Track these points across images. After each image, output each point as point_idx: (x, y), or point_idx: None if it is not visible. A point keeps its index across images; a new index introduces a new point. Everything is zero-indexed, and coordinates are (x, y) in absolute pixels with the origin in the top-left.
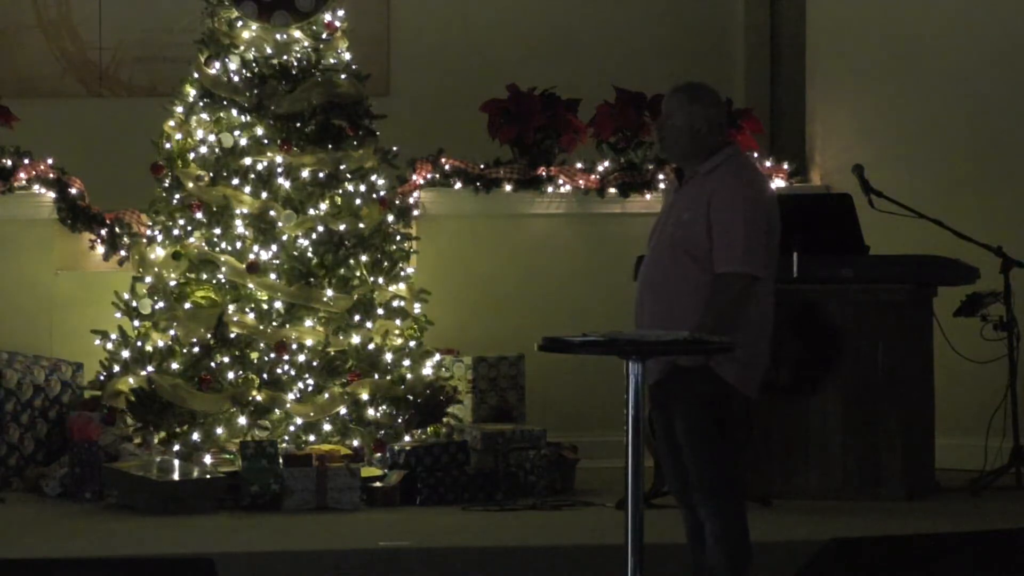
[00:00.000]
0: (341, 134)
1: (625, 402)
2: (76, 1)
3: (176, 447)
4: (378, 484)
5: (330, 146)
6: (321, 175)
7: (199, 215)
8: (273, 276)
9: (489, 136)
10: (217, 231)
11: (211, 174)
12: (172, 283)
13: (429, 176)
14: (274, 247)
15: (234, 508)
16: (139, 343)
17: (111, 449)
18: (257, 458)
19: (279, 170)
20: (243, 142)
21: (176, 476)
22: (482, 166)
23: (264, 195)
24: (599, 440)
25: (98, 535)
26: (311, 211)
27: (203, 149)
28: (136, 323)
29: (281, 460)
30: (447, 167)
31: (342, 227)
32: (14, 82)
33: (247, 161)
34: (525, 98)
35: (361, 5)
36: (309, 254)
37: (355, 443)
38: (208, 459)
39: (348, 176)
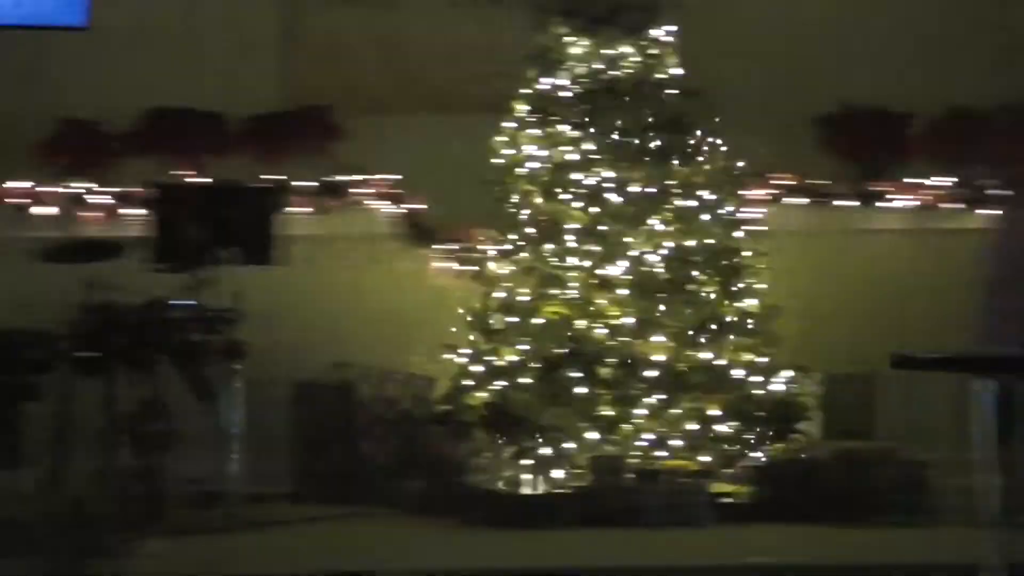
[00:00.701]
0: (670, 149)
1: (978, 418)
2: (412, 18)
3: (527, 461)
4: (728, 499)
5: (662, 161)
6: (650, 190)
7: (531, 230)
8: (622, 291)
9: (824, 151)
10: (550, 246)
11: (542, 189)
12: (523, 298)
13: (768, 191)
14: (623, 263)
15: (585, 523)
16: (490, 358)
17: (464, 463)
18: (607, 473)
19: (609, 185)
20: (573, 158)
21: (528, 491)
22: (820, 182)
23: (593, 210)
24: (951, 455)
25: (452, 548)
26: (659, 227)
27: (534, 164)
28: (488, 338)
29: (631, 475)
30: (784, 182)
31: (690, 243)
32: (354, 99)
33: (577, 176)
34: (860, 113)
35: (689, 20)
36: (658, 268)
37: (705, 458)
38: (559, 473)
39: (681, 192)
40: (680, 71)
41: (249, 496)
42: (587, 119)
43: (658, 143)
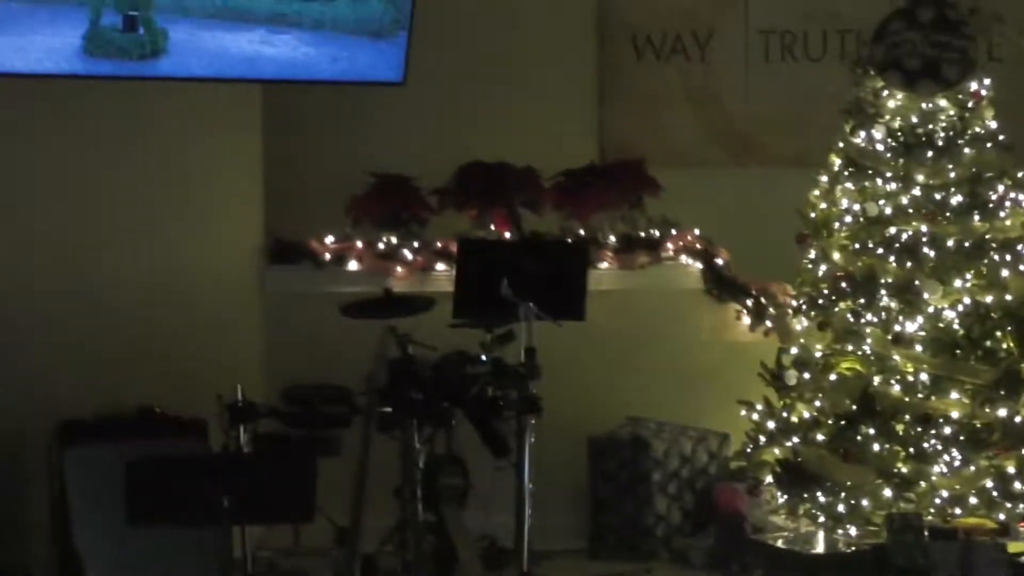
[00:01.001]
0: (987, 204)
1: None
2: (722, 71)
3: (822, 519)
4: None
5: (976, 216)
6: (967, 245)
7: (844, 285)
8: (919, 347)
9: None
10: (862, 301)
11: (856, 244)
12: (817, 354)
13: None
14: (919, 318)
15: None
16: (784, 413)
17: (757, 521)
18: (903, 531)
19: (924, 240)
20: (888, 211)
21: (821, 548)
22: None
23: (909, 265)
24: None
25: None
26: (956, 282)
27: (847, 218)
28: (782, 393)
29: (926, 533)
30: None
31: (988, 299)
32: (661, 152)
33: (892, 231)
34: None
35: (1007, 74)
36: (955, 325)
37: (1001, 517)
38: (853, 531)
39: (994, 246)
40: (994, 124)
41: (542, 552)
42: (902, 173)
43: (963, 197)
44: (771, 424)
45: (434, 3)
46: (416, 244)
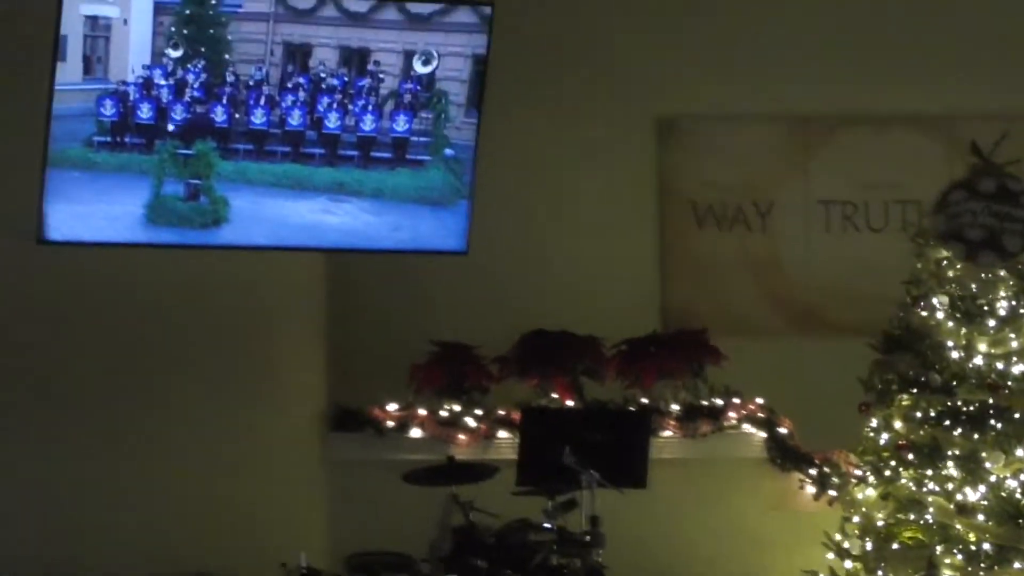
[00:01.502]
0: None
1: None
2: (783, 241)
3: None
4: None
5: None
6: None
7: (907, 455)
8: (981, 517)
9: None
10: (927, 472)
11: (918, 413)
12: (880, 523)
13: None
14: (982, 488)
15: None
16: None
17: None
18: None
19: (989, 411)
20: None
21: None
22: None
23: (975, 436)
24: None
25: None
26: (1019, 451)
27: (911, 389)
28: (847, 563)
29: None
30: None
31: None
32: (724, 321)
33: (956, 401)
34: None
35: None
36: (1018, 495)
37: None
38: None
39: None
40: None
41: None
42: (964, 342)
43: None
44: None
45: (496, 173)
46: (478, 412)
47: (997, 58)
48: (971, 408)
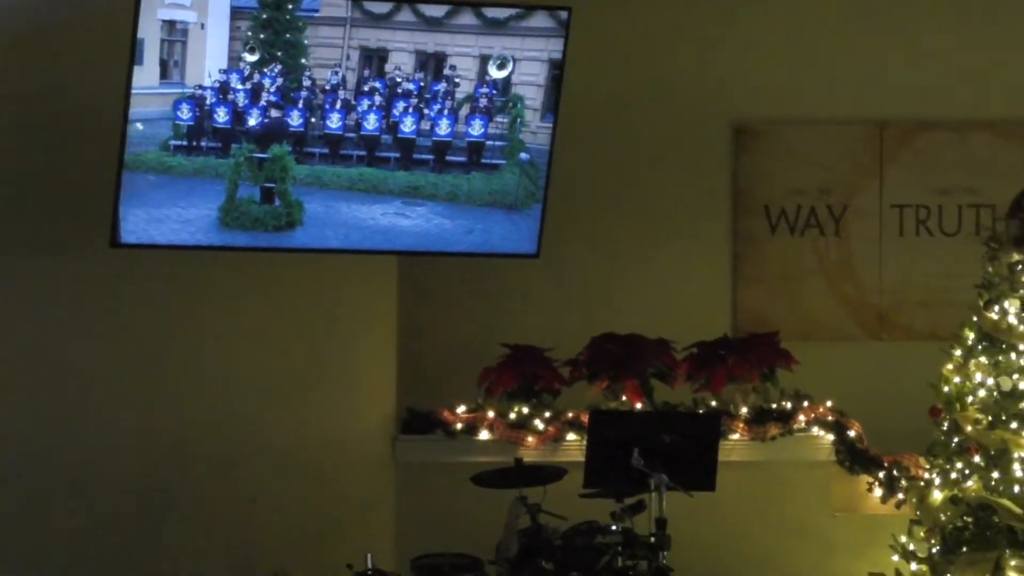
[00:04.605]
0: None
1: None
2: (857, 245)
3: None
4: None
5: None
6: None
7: (977, 459)
8: None
9: None
10: (995, 475)
11: (990, 418)
12: (949, 527)
13: None
14: None
15: None
16: None
17: None
18: None
19: None
20: (1022, 386)
21: None
22: None
23: None
24: None
25: None
26: None
27: (982, 392)
28: (914, 567)
29: None
30: None
31: None
32: (797, 325)
33: None
34: None
35: None
36: None
37: None
38: None
39: None
40: None
41: None
42: None
43: None
44: None
45: (569, 176)
46: (547, 414)
47: None
48: None
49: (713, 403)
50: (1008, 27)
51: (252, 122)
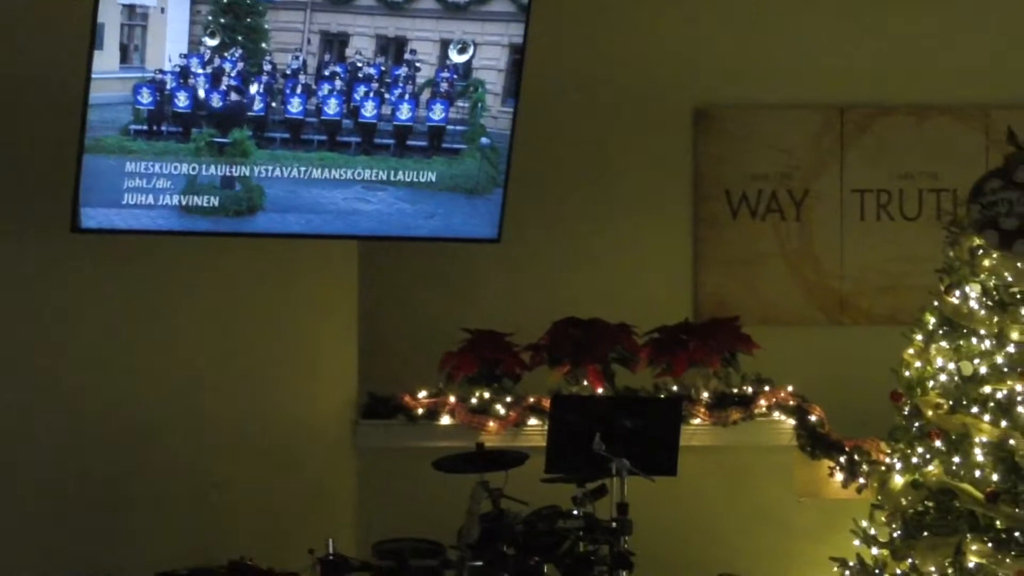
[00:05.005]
0: None
1: None
2: (817, 230)
3: None
4: None
5: None
6: None
7: (938, 443)
8: (1012, 505)
9: None
10: (956, 460)
11: (951, 402)
12: (910, 511)
13: None
14: (1013, 476)
15: None
16: (877, 571)
17: None
18: None
19: (1019, 399)
20: (983, 370)
21: None
22: None
23: (1004, 424)
24: None
25: None
26: None
27: (943, 377)
28: (875, 551)
29: None
30: None
31: None
32: (759, 310)
33: (987, 389)
34: None
35: None
36: None
37: None
38: None
39: None
40: None
41: None
42: (997, 331)
43: None
44: None
45: (530, 161)
46: (509, 399)
47: None
48: (1001, 396)
49: (674, 388)
50: (966, 12)
51: (213, 107)
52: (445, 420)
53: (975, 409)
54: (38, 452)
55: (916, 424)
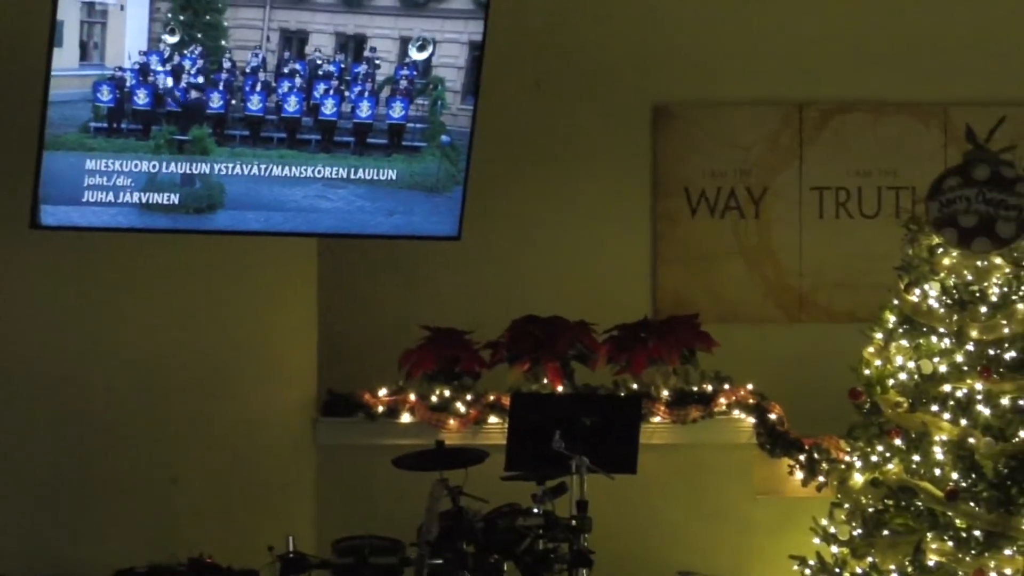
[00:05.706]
0: None
1: None
2: (776, 228)
3: None
4: None
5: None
6: (1021, 403)
7: (898, 441)
8: (972, 504)
9: None
10: (916, 458)
11: (910, 400)
12: (870, 509)
13: None
14: (973, 475)
15: None
16: (837, 570)
17: None
18: None
19: (979, 397)
20: (943, 369)
21: None
22: None
23: (963, 423)
24: None
25: None
26: (1013, 439)
27: (902, 375)
28: (835, 549)
29: None
30: None
31: None
32: (718, 307)
33: (946, 388)
34: None
35: None
36: (1008, 482)
37: None
38: None
39: None
40: None
41: None
42: (956, 329)
43: (1017, 353)
44: None
45: (490, 159)
46: (469, 397)
47: (993, 45)
48: (961, 395)
49: (634, 385)
50: (925, 8)
51: (172, 104)
52: (405, 418)
53: (935, 407)
54: None
55: (876, 422)
